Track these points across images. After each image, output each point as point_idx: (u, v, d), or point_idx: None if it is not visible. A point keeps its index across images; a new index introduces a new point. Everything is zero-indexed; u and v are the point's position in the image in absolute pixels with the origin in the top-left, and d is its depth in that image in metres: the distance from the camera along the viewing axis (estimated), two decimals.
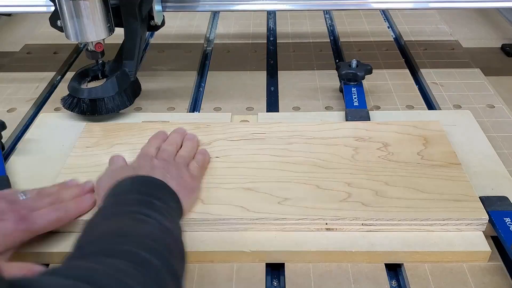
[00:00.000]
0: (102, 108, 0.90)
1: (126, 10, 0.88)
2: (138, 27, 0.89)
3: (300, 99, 1.02)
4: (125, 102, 0.92)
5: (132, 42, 0.91)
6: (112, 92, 0.90)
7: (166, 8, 1.00)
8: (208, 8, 1.05)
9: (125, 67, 0.92)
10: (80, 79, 0.94)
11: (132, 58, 0.92)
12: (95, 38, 0.86)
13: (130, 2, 0.87)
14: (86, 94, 0.90)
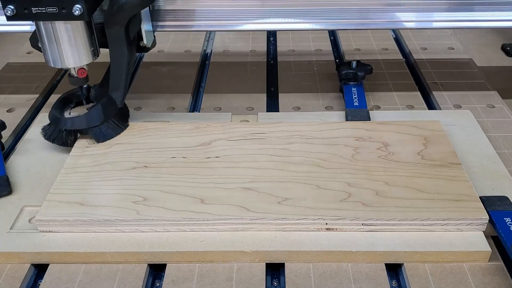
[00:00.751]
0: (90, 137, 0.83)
1: (112, 32, 0.79)
2: (125, 51, 0.81)
3: (300, 99, 1.02)
4: (111, 132, 0.84)
5: (119, 67, 0.82)
6: (97, 121, 0.82)
7: (158, 28, 0.90)
8: (204, 28, 0.95)
9: (112, 93, 0.84)
10: (63, 106, 0.85)
11: (118, 84, 0.84)
12: (77, 64, 0.78)
13: (115, 23, 0.78)
14: (68, 124, 0.81)
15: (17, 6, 0.70)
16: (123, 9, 0.75)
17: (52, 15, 0.72)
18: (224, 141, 0.83)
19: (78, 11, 0.71)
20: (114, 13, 0.76)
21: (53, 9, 0.71)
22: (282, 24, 0.91)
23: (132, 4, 0.76)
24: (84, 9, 0.71)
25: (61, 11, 0.71)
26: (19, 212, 0.73)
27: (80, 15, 0.71)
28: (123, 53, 0.81)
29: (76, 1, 0.70)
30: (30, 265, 0.67)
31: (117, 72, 0.83)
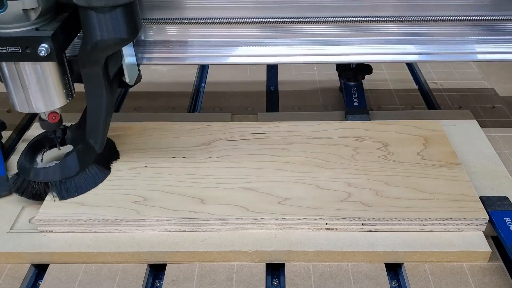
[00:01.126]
0: (61, 192, 0.71)
1: (87, 73, 0.68)
2: (103, 92, 0.70)
3: (300, 99, 1.02)
4: (91, 182, 0.73)
5: (97, 110, 0.71)
6: (73, 172, 0.71)
7: (144, 60, 0.79)
8: (197, 61, 0.85)
9: (89, 138, 0.73)
10: (34, 152, 0.75)
11: (96, 128, 0.73)
12: (48, 108, 0.68)
13: (91, 63, 0.67)
14: (41, 176, 0.71)
15: None
16: (98, 49, 0.65)
17: (15, 56, 0.62)
18: (224, 141, 0.83)
19: (45, 51, 0.61)
20: (89, 53, 0.66)
21: (15, 48, 0.61)
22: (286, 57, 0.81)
23: (107, 44, 0.65)
24: (52, 49, 0.61)
25: (25, 51, 0.61)
26: (19, 212, 0.73)
27: (47, 56, 0.61)
28: (101, 95, 0.70)
29: (42, 40, 0.61)
30: (30, 265, 0.67)
31: (95, 115, 0.72)
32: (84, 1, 0.61)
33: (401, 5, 0.76)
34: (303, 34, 0.78)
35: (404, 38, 0.79)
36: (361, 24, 0.77)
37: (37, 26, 0.62)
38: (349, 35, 0.78)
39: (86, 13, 0.63)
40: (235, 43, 0.79)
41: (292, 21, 0.76)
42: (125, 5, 0.63)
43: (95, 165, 0.74)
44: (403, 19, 0.77)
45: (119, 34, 0.64)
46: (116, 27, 0.63)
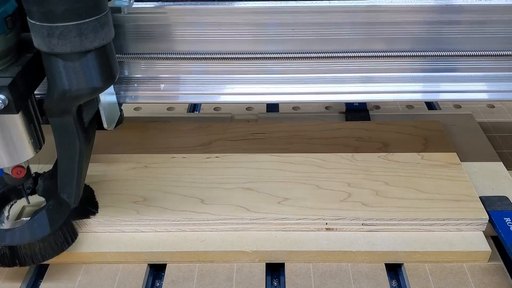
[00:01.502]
0: (28, 257, 0.62)
1: (55, 122, 0.58)
2: (76, 142, 0.60)
3: None
4: (64, 241, 0.64)
5: (69, 163, 0.61)
6: (44, 232, 0.61)
7: (126, 99, 0.69)
8: (189, 99, 0.73)
9: (62, 192, 0.63)
10: (2, 203, 0.67)
11: (70, 182, 0.63)
12: (11, 163, 0.59)
13: (59, 113, 0.57)
14: (4, 239, 0.61)
15: None
16: (66, 99, 0.55)
17: None
18: (224, 141, 0.83)
19: (1, 103, 0.52)
20: (55, 103, 0.56)
21: None
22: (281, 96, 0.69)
23: (77, 94, 0.55)
24: (10, 100, 0.52)
25: None
26: (19, 212, 0.73)
27: (4, 109, 0.52)
28: (74, 146, 0.60)
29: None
30: None
31: (68, 168, 0.62)
32: (45, 47, 0.51)
33: None
34: (305, 70, 0.68)
35: (418, 74, 0.69)
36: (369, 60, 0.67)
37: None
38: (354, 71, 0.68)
39: (50, 59, 0.53)
40: (229, 80, 0.69)
41: (294, 56, 0.66)
42: (97, 50, 0.53)
43: (68, 225, 0.64)
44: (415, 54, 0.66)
45: (91, 83, 0.54)
46: (87, 75, 0.53)
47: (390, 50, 0.66)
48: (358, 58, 0.66)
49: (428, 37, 0.65)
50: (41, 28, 0.50)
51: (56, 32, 0.50)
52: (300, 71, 0.68)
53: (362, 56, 0.66)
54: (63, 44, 0.51)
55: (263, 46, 0.66)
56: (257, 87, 0.69)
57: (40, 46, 0.52)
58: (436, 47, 0.66)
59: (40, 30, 0.50)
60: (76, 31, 0.50)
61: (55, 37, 0.50)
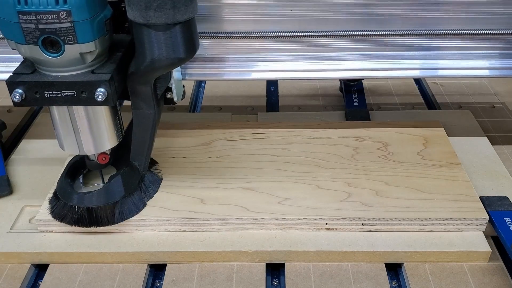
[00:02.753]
0: (105, 218, 0.68)
1: (136, 94, 0.66)
2: (152, 112, 0.68)
3: (300, 99, 1.02)
4: (133, 207, 0.69)
5: (144, 131, 0.69)
6: (118, 196, 0.68)
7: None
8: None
9: (134, 159, 0.70)
10: (73, 174, 0.72)
11: (142, 149, 0.70)
12: (98, 150, 0.66)
13: (141, 84, 0.65)
14: (85, 201, 0.67)
15: (26, 90, 0.58)
16: (153, 69, 0.62)
17: (70, 100, 0.59)
18: (224, 141, 0.83)
19: (102, 96, 0.59)
20: (142, 73, 0.63)
21: (70, 93, 0.59)
22: None
23: (164, 64, 0.61)
24: (109, 93, 0.59)
25: (80, 95, 0.59)
26: (19, 212, 0.73)
27: (104, 101, 0.59)
28: (149, 115, 0.68)
29: (98, 84, 0.58)
30: (30, 265, 0.67)
31: (141, 136, 0.69)
32: (141, 18, 0.57)
33: (408, 19, 0.74)
34: (305, 48, 0.76)
35: (410, 53, 0.77)
36: (366, 38, 0.75)
37: (92, 68, 0.60)
38: (353, 49, 0.76)
39: (143, 30, 0.59)
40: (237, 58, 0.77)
41: (295, 35, 0.74)
42: (184, 23, 0.59)
43: (138, 191, 0.70)
44: (409, 33, 0.74)
45: (178, 53, 0.60)
46: (175, 45, 0.60)
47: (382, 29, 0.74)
48: None
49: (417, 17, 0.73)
50: (139, 1, 0.56)
51: (153, 5, 0.56)
52: (299, 50, 0.76)
53: None
54: (159, 16, 0.57)
55: (263, 26, 0.74)
56: (258, 64, 0.78)
57: (136, 18, 0.58)
58: (423, 27, 0.74)
59: (138, 3, 0.56)
60: (171, 4, 0.57)
61: (152, 9, 0.57)
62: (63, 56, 0.57)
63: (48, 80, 0.58)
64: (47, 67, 0.59)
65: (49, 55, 0.57)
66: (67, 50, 0.57)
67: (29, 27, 0.55)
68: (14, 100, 0.59)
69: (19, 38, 0.56)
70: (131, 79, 0.64)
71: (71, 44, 0.56)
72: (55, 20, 0.54)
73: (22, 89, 0.59)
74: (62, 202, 0.68)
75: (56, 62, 0.58)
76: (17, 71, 0.60)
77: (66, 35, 0.56)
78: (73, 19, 0.55)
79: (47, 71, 0.59)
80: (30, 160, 0.84)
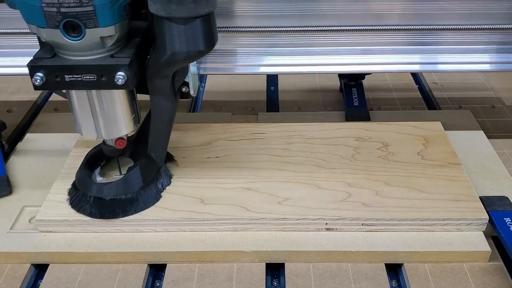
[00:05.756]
0: (122, 209, 0.69)
1: (155, 86, 0.67)
2: (170, 104, 0.69)
3: (300, 99, 1.02)
4: (150, 199, 0.71)
5: (161, 123, 0.70)
6: (136, 187, 0.70)
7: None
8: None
9: (152, 151, 0.72)
10: (92, 165, 0.74)
11: (160, 141, 0.72)
12: (116, 135, 0.68)
13: (161, 77, 0.66)
14: (104, 191, 0.69)
15: (47, 73, 0.60)
16: (173, 62, 0.63)
17: (90, 84, 0.61)
18: (224, 141, 0.83)
19: (122, 79, 0.60)
20: (162, 66, 0.64)
21: (91, 76, 0.60)
22: None
23: (184, 57, 0.63)
24: (129, 76, 0.60)
25: (100, 79, 0.60)
26: (19, 212, 0.73)
27: (124, 84, 0.60)
28: (167, 107, 0.69)
29: (118, 68, 0.60)
30: (30, 265, 0.67)
31: (159, 128, 0.71)
32: (163, 11, 0.58)
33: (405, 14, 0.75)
34: (305, 43, 0.77)
35: (408, 47, 0.77)
36: (364, 33, 0.76)
37: (112, 53, 0.61)
38: (352, 44, 0.77)
39: (163, 23, 0.60)
40: None
41: (294, 30, 0.75)
42: (205, 16, 0.60)
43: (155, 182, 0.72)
44: (407, 28, 0.75)
45: (198, 46, 0.61)
46: (195, 39, 0.61)
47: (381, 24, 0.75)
48: None
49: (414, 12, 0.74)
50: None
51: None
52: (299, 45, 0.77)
53: None
54: (180, 10, 0.58)
55: (263, 21, 0.75)
56: (257, 58, 0.79)
57: (158, 11, 0.59)
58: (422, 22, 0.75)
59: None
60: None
61: (174, 3, 0.58)
62: (84, 40, 0.58)
63: (68, 64, 0.60)
64: (67, 51, 0.60)
65: (70, 39, 0.58)
66: (88, 34, 0.58)
67: (51, 10, 0.56)
68: (35, 84, 0.60)
69: (41, 22, 0.57)
70: (151, 72, 0.66)
71: (92, 28, 0.57)
72: (77, 4, 0.55)
73: (43, 73, 0.60)
74: (81, 192, 0.70)
75: (76, 46, 0.59)
76: (38, 56, 0.61)
77: (87, 19, 0.56)
78: (95, 3, 0.56)
79: (67, 55, 0.60)
80: (30, 160, 0.84)
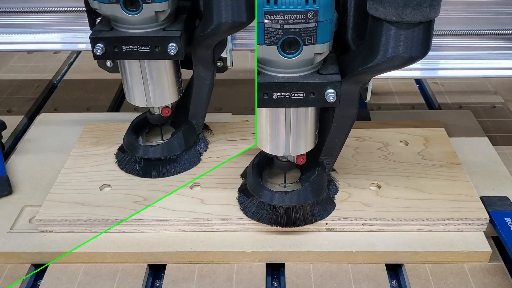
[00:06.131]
0: (165, 170, 0.76)
1: (199, 56, 0.73)
2: (210, 74, 0.75)
3: None
4: (191, 161, 0.78)
5: (202, 92, 0.76)
6: (179, 150, 0.77)
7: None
8: None
9: (192, 118, 0.79)
10: (138, 131, 0.80)
11: (200, 109, 0.78)
12: (164, 103, 0.73)
13: (204, 47, 0.71)
14: (150, 153, 0.76)
15: (107, 44, 0.65)
16: (218, 31, 0.67)
17: (144, 54, 0.66)
18: (224, 141, 0.83)
19: (174, 50, 0.65)
20: (207, 35, 0.68)
21: (145, 47, 0.66)
22: None
23: (228, 27, 0.66)
24: (180, 47, 0.65)
25: (154, 49, 0.66)
26: (19, 212, 0.73)
27: (175, 54, 0.65)
28: (207, 77, 0.75)
29: (171, 40, 0.65)
30: (30, 265, 0.67)
31: (200, 97, 0.77)
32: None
33: None
34: None
35: None
36: None
37: (163, 27, 0.66)
38: None
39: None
40: None
41: None
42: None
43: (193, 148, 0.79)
44: None
45: (241, 17, 0.64)
46: (239, 10, 0.64)
47: None
48: None
49: None
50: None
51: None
52: None
53: None
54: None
55: None
56: None
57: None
58: None
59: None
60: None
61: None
62: (141, 13, 0.64)
63: (126, 36, 0.65)
64: (124, 25, 0.66)
65: (128, 13, 0.64)
66: (145, 8, 0.63)
67: None
68: (96, 53, 0.65)
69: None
70: (196, 42, 0.70)
71: (148, 3, 0.63)
72: None
73: (103, 44, 0.65)
74: (128, 155, 0.77)
75: (133, 20, 0.65)
76: (97, 29, 0.67)
77: None
78: None
79: (124, 28, 0.66)
80: (30, 160, 0.83)
